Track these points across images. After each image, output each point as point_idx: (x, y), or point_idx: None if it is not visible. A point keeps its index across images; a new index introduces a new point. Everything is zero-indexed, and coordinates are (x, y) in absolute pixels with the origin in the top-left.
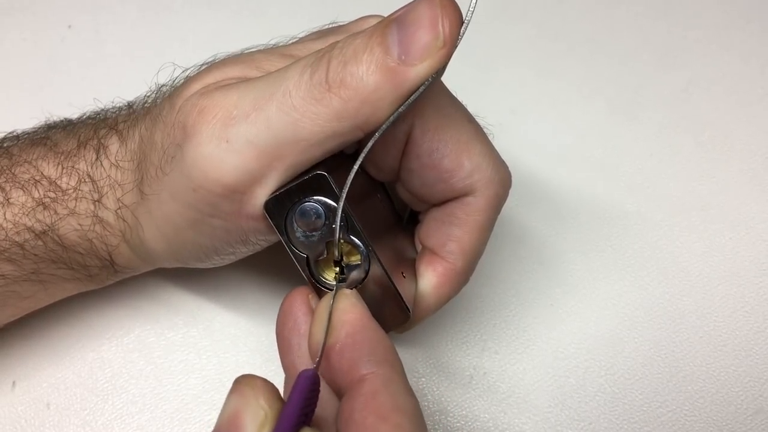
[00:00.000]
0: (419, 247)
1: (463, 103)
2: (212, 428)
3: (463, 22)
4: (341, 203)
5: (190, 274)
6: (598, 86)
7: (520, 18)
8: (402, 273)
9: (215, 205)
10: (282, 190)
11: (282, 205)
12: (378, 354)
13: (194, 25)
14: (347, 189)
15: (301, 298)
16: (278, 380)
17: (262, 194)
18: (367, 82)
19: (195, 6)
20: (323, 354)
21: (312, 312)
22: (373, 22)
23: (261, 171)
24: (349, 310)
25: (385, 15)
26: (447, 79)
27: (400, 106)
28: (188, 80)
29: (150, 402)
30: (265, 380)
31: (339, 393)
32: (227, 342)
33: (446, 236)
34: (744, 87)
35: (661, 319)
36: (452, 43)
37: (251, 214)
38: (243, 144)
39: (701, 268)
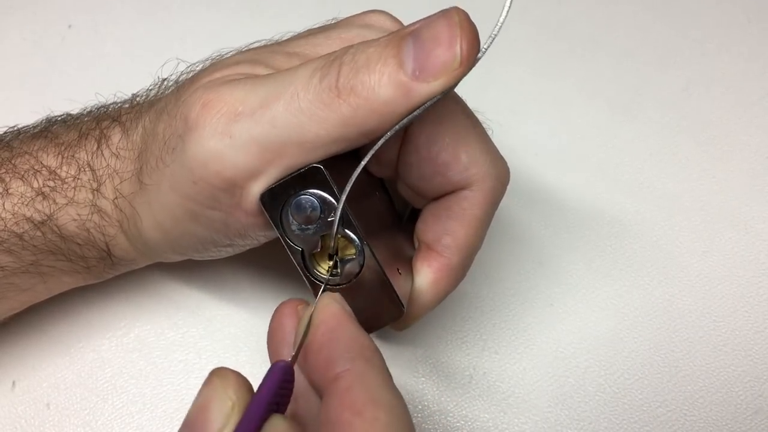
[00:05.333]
0: (417, 244)
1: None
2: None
3: (479, 47)
4: (343, 198)
5: (190, 275)
6: (599, 86)
7: (520, 18)
8: (398, 269)
9: (215, 197)
10: (278, 183)
11: (278, 197)
12: (353, 351)
13: (193, 24)
14: (349, 188)
15: (289, 310)
16: None
17: (259, 189)
18: (378, 94)
19: (194, 5)
20: (300, 349)
21: None
22: (376, 17)
23: (262, 167)
24: (327, 309)
25: (387, 14)
26: None
27: (406, 116)
28: (195, 76)
29: (150, 402)
30: (237, 373)
31: (321, 394)
32: (227, 342)
33: (442, 230)
34: (744, 87)
35: (661, 319)
36: (468, 63)
37: (249, 209)
38: (246, 141)
39: (701, 268)
